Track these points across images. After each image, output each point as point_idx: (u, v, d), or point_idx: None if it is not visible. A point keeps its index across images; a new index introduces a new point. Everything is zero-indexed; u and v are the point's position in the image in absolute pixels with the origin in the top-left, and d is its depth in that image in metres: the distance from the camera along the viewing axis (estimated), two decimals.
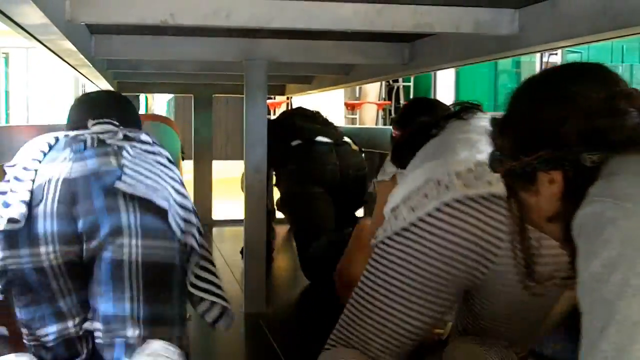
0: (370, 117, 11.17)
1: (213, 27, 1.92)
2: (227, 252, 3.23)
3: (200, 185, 4.08)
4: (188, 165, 4.31)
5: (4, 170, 1.39)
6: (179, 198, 1.42)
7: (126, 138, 1.45)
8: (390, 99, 11.93)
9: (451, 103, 1.40)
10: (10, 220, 1.28)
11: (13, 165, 1.37)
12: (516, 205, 0.98)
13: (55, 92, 19.54)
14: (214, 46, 2.24)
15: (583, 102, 0.88)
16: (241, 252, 2.55)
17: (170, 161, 1.50)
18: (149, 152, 1.45)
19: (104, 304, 1.30)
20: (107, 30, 2.13)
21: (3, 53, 17.60)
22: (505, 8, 1.65)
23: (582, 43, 1.52)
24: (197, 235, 1.43)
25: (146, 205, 1.34)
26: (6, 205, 1.30)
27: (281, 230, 3.61)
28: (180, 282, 1.41)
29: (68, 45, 1.63)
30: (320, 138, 2.84)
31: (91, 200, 1.32)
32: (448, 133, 1.34)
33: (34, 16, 1.24)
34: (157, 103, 15.07)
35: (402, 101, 11.57)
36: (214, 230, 3.78)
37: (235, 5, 1.58)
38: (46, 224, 1.31)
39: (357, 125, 10.13)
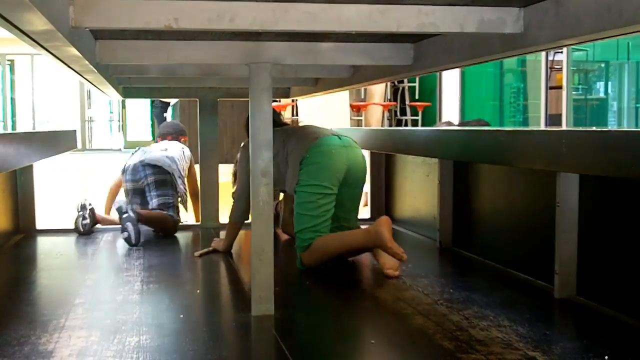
0: (375, 118, 11.15)
1: (217, 31, 1.92)
2: (235, 255, 3.23)
3: (206, 189, 4.08)
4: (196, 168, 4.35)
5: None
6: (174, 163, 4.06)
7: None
8: (395, 99, 11.91)
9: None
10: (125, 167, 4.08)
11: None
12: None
13: (60, 98, 19.56)
14: (218, 50, 2.24)
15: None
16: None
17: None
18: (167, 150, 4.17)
19: (150, 195, 3.95)
20: (111, 35, 2.13)
21: (8, 60, 17.68)
22: (510, 7, 1.65)
23: (588, 41, 1.52)
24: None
25: (159, 168, 3.99)
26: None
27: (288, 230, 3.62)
28: (174, 189, 4.00)
29: (73, 51, 1.63)
30: None
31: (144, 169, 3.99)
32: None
33: (38, 23, 1.24)
34: None
35: (407, 102, 11.56)
36: (221, 233, 3.78)
37: (238, 9, 1.59)
38: (129, 176, 4.01)
39: (363, 127, 10.12)
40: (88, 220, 3.82)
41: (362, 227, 3.00)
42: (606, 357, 1.76)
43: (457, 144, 2.87)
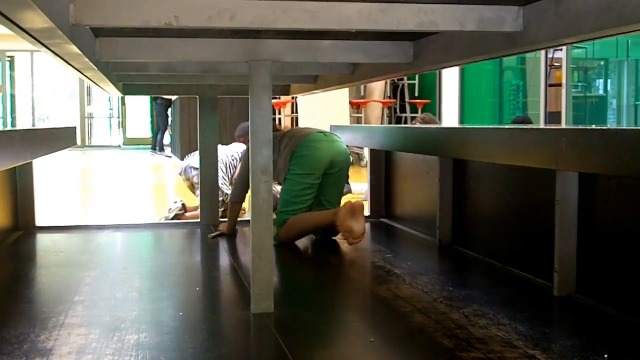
0: (375, 115, 11.15)
1: (217, 29, 1.92)
2: (235, 252, 3.23)
3: (206, 186, 4.08)
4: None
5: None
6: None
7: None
8: (395, 97, 11.89)
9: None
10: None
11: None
12: None
13: (60, 95, 19.53)
14: (218, 47, 2.24)
15: None
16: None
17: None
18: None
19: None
20: (111, 33, 2.13)
21: (8, 57, 17.68)
22: (510, 5, 1.65)
23: (587, 40, 1.52)
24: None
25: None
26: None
27: None
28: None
29: (73, 49, 1.63)
30: None
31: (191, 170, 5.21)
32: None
33: (38, 21, 1.24)
34: None
35: (407, 99, 11.56)
36: (221, 226, 3.78)
37: (238, 7, 1.58)
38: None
39: (363, 124, 10.12)
40: (183, 210, 5.00)
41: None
42: (605, 356, 1.77)
43: (457, 141, 2.87)
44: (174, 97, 13.46)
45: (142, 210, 5.93)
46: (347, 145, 3.61)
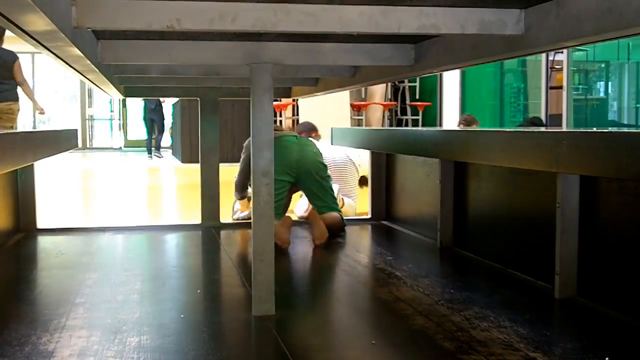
0: (376, 117, 11.15)
1: (219, 32, 1.93)
2: (235, 255, 3.23)
3: (207, 188, 4.09)
4: (195, 168, 4.34)
5: None
6: None
7: None
8: (396, 99, 11.90)
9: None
10: None
11: None
12: None
13: (61, 97, 19.54)
14: (220, 50, 2.24)
15: None
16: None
17: None
18: None
19: None
20: (113, 35, 2.14)
21: None
22: (511, 8, 1.65)
23: (588, 43, 1.52)
24: None
25: None
26: None
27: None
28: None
29: (75, 51, 1.64)
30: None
31: None
32: None
33: (40, 23, 1.24)
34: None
35: (408, 101, 11.57)
36: (222, 233, 3.79)
37: (240, 10, 1.59)
38: None
39: (363, 126, 10.13)
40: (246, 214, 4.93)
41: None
42: (606, 358, 1.77)
43: (458, 144, 2.87)
44: (171, 101, 13.78)
45: (143, 212, 5.93)
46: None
